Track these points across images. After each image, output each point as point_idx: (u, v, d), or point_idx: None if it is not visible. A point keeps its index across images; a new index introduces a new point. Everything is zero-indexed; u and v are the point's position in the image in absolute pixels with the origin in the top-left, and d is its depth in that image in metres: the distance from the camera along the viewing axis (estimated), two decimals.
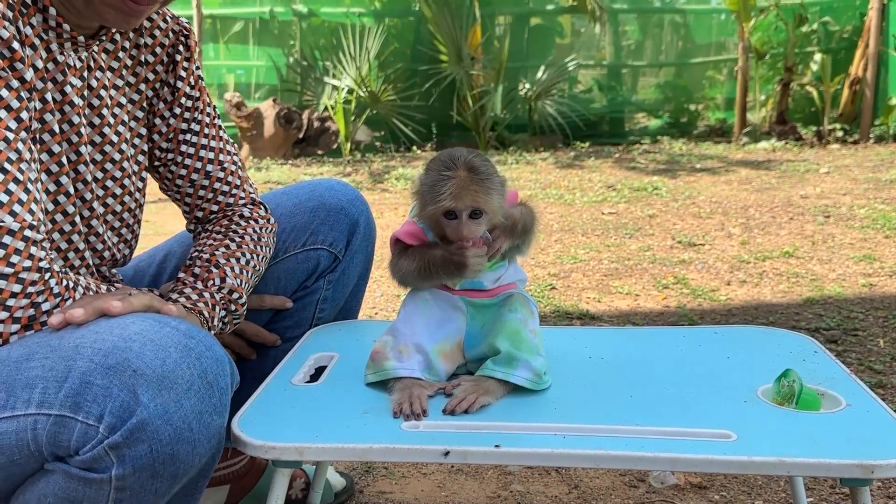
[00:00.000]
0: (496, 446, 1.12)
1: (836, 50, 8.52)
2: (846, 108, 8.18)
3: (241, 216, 1.56)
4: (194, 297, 1.40)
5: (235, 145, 1.60)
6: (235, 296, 1.45)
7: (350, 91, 8.04)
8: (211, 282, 1.44)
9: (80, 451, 1.03)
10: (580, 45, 9.16)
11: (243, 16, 8.52)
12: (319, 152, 7.76)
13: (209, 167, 1.55)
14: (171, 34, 1.50)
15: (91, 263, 1.40)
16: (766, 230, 4.44)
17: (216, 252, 1.48)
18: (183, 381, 1.05)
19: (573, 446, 1.12)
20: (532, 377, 1.28)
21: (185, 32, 1.52)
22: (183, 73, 1.52)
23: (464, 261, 1.29)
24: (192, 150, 1.53)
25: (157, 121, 1.51)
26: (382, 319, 2.65)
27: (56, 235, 1.30)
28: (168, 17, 1.50)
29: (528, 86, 8.43)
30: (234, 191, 1.58)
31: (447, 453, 1.13)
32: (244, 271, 1.48)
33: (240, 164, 1.61)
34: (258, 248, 1.54)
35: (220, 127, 1.58)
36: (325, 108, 8.03)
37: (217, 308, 1.42)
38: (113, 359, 1.02)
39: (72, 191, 1.31)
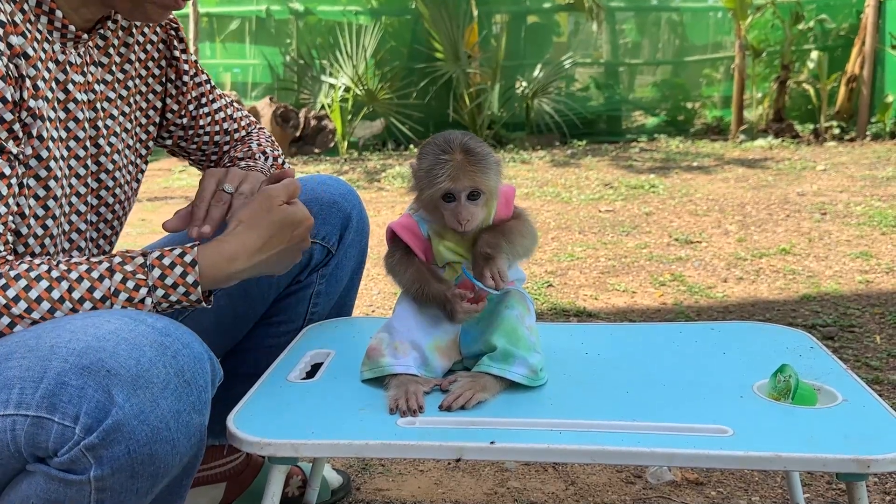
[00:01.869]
0: (491, 443, 1.12)
1: (833, 48, 8.52)
2: (843, 105, 8.18)
3: (249, 134, 1.72)
4: (251, 163, 1.56)
5: (220, 90, 1.73)
6: (281, 161, 1.65)
7: (347, 89, 8.04)
8: (258, 155, 1.61)
9: (59, 452, 1.02)
10: (577, 44, 9.15)
11: (240, 14, 8.52)
12: (316, 151, 7.76)
13: (225, 125, 1.67)
14: (158, 29, 1.52)
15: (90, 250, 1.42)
16: (763, 227, 4.45)
17: (251, 145, 1.65)
18: (158, 380, 1.04)
19: (569, 442, 1.12)
20: (529, 374, 1.28)
21: (174, 25, 1.55)
22: (186, 67, 1.57)
23: (454, 313, 1.31)
24: (208, 119, 1.64)
25: (173, 108, 1.58)
26: (380, 317, 2.65)
27: (47, 241, 1.28)
28: None
29: (525, 84, 8.42)
30: (245, 126, 1.72)
31: (450, 451, 1.13)
32: (276, 150, 1.67)
33: (236, 102, 1.72)
34: (274, 143, 1.71)
35: (214, 85, 1.66)
36: (322, 107, 8.02)
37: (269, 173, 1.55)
38: (87, 359, 1.02)
39: (59, 194, 1.28)
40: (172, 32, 1.54)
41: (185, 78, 1.56)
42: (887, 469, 1.07)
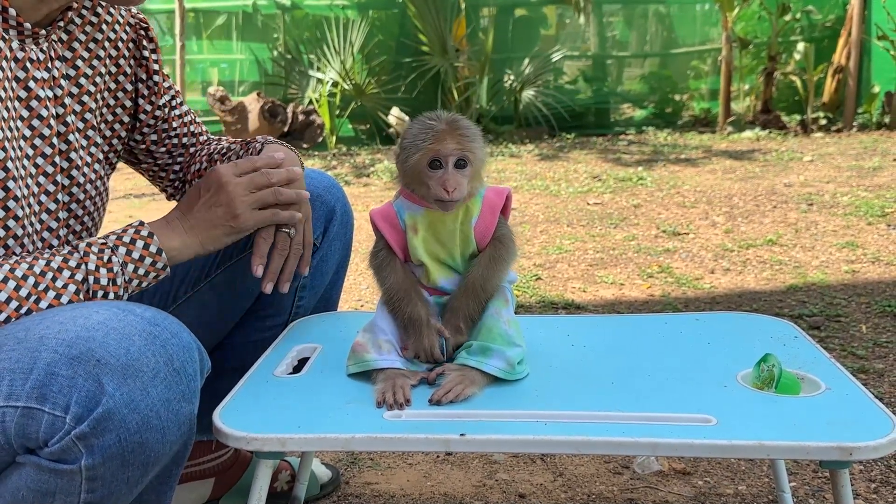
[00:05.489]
0: (462, 435, 1.12)
1: (820, 39, 8.54)
2: (830, 96, 8.21)
3: (209, 139, 1.71)
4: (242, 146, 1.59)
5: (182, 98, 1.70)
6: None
7: (335, 84, 8.01)
8: (233, 146, 1.61)
9: (49, 442, 1.03)
10: (565, 37, 9.14)
11: (226, 9, 8.46)
12: (305, 146, 7.73)
13: (192, 127, 1.66)
14: (128, 28, 1.51)
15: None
16: (750, 219, 4.47)
17: (221, 141, 1.64)
18: (148, 369, 1.04)
19: (555, 433, 1.13)
20: (505, 367, 1.28)
21: (144, 25, 1.55)
22: (156, 67, 1.56)
23: (423, 338, 1.32)
24: (179, 122, 1.63)
25: (146, 109, 1.56)
26: (368, 311, 2.66)
27: (10, 242, 1.26)
28: (123, 10, 1.51)
29: (513, 78, 8.42)
30: (205, 132, 1.71)
31: (436, 444, 1.13)
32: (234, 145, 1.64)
33: (192, 113, 1.70)
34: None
35: (177, 91, 1.66)
36: (310, 102, 8.00)
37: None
38: (76, 349, 1.02)
39: (19, 194, 1.27)
40: (142, 32, 1.53)
41: (157, 78, 1.56)
42: (870, 456, 1.08)
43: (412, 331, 1.32)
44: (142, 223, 1.30)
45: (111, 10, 1.48)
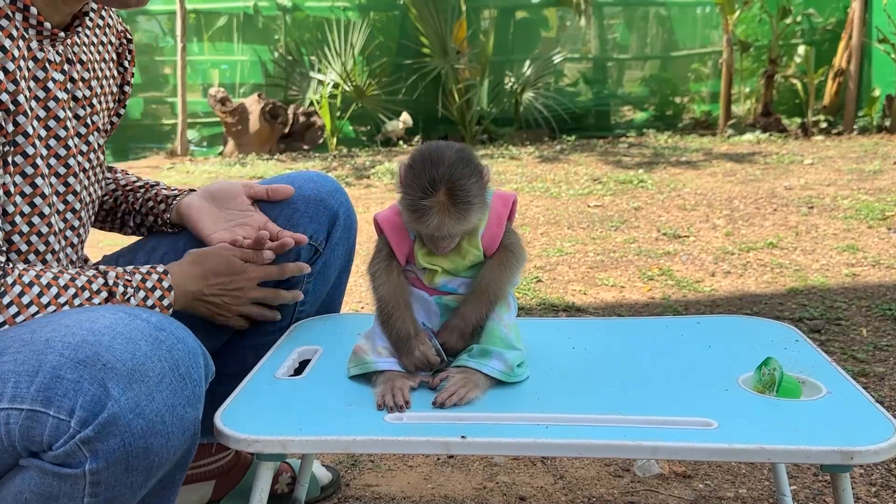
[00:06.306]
0: (462, 437, 1.12)
1: (820, 42, 8.55)
2: (830, 99, 8.21)
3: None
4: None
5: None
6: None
7: (335, 86, 8.02)
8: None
9: (53, 445, 1.03)
10: (565, 39, 9.14)
11: (227, 10, 8.47)
12: (305, 147, 7.74)
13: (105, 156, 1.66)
14: (115, 34, 1.53)
15: (70, 254, 1.41)
16: (751, 221, 4.47)
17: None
18: (154, 374, 1.04)
19: (556, 436, 1.13)
20: (504, 369, 1.28)
21: (128, 36, 1.57)
22: (130, 79, 1.58)
23: (412, 353, 1.31)
24: (111, 139, 1.65)
25: (115, 118, 1.58)
26: (368, 313, 2.66)
27: (34, 238, 1.29)
28: (114, 15, 1.53)
29: (513, 80, 8.42)
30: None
31: (436, 446, 1.13)
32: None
33: None
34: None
35: None
36: (311, 103, 8.00)
37: None
38: (83, 353, 1.02)
39: (47, 192, 1.28)
40: (125, 42, 1.55)
41: (127, 88, 1.58)
42: (871, 460, 1.08)
43: (401, 347, 1.32)
44: (166, 272, 1.36)
45: (112, 14, 1.49)
